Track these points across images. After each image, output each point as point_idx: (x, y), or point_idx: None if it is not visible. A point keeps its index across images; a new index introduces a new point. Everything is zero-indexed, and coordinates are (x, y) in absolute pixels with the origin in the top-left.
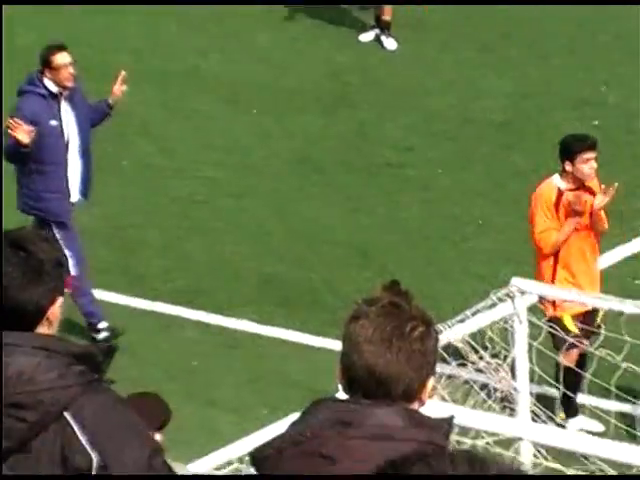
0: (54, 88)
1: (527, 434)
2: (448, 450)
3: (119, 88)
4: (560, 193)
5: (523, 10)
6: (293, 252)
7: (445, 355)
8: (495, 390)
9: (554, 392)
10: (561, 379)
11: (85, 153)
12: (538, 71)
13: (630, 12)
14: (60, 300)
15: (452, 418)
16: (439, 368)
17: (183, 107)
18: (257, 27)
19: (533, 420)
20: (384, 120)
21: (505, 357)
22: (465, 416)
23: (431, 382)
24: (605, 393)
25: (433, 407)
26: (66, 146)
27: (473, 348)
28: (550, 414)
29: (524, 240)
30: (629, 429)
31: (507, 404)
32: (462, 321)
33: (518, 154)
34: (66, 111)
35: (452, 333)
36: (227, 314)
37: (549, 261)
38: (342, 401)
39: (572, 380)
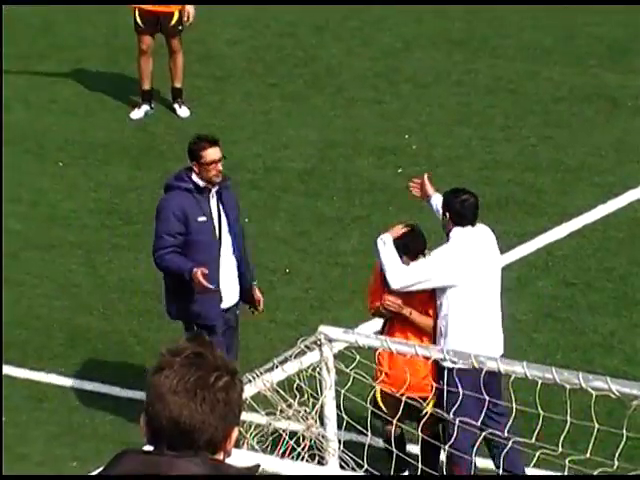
0: (202, 183)
1: None
2: None
3: None
4: None
5: (329, 57)
6: (102, 304)
7: (254, 404)
8: (304, 438)
9: (363, 439)
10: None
11: (238, 251)
12: (343, 119)
13: (428, 60)
14: None
15: (257, 467)
16: (249, 417)
17: None
18: (61, 79)
19: (341, 467)
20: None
21: (314, 405)
22: (274, 464)
23: (236, 432)
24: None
25: (242, 456)
26: (218, 244)
27: (282, 397)
28: (359, 461)
29: (331, 287)
30: None
31: (316, 452)
32: (270, 369)
33: (323, 202)
34: (215, 207)
35: (260, 382)
36: (35, 368)
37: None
38: (146, 452)
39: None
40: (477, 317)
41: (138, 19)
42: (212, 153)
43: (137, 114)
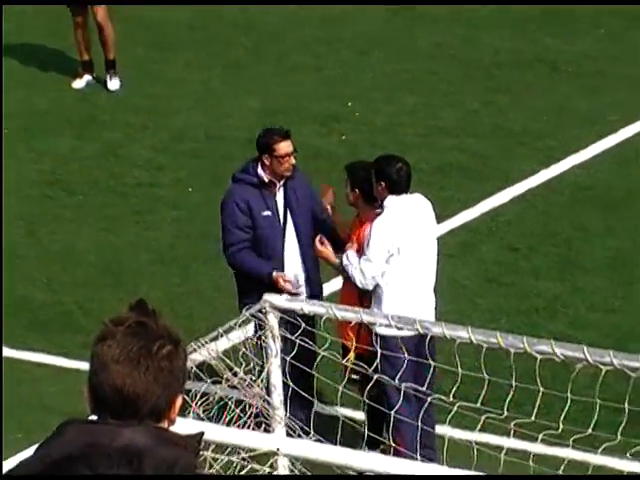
0: (267, 177)
1: (282, 447)
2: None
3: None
4: None
5: (269, 24)
6: (45, 275)
7: (200, 373)
8: (250, 406)
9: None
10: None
11: (306, 247)
12: (285, 87)
13: (368, 26)
14: None
15: (202, 434)
16: (194, 386)
17: None
18: (6, 49)
19: (288, 435)
20: (132, 140)
21: (259, 373)
22: (220, 433)
23: (180, 400)
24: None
25: (188, 425)
26: (282, 239)
27: (227, 365)
28: (305, 427)
29: None
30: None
31: (263, 419)
32: (216, 338)
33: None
34: (282, 201)
35: (206, 350)
36: None
37: None
38: (90, 422)
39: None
40: (412, 284)
41: None
42: (285, 146)
43: (79, 84)
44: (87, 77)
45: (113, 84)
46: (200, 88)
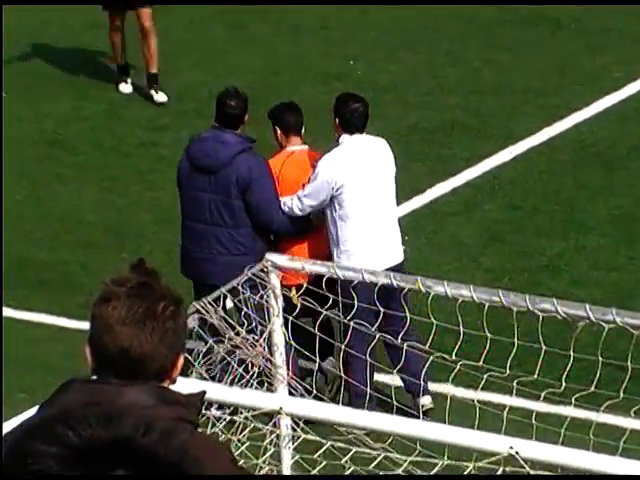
0: None
1: (284, 407)
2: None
3: None
4: None
5: None
6: (48, 235)
7: (202, 332)
8: (252, 365)
9: (311, 365)
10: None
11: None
12: (288, 47)
13: None
14: None
15: (203, 394)
16: (197, 346)
17: None
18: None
19: (290, 394)
20: (135, 100)
21: (262, 332)
22: (223, 392)
23: (182, 360)
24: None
25: (190, 384)
26: None
27: (230, 324)
28: (307, 386)
29: None
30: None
31: (265, 379)
32: (217, 298)
33: (269, 129)
34: None
35: (208, 310)
36: None
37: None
38: (92, 381)
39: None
40: (366, 224)
41: None
42: None
43: (127, 88)
44: (129, 80)
45: (160, 97)
46: (203, 47)
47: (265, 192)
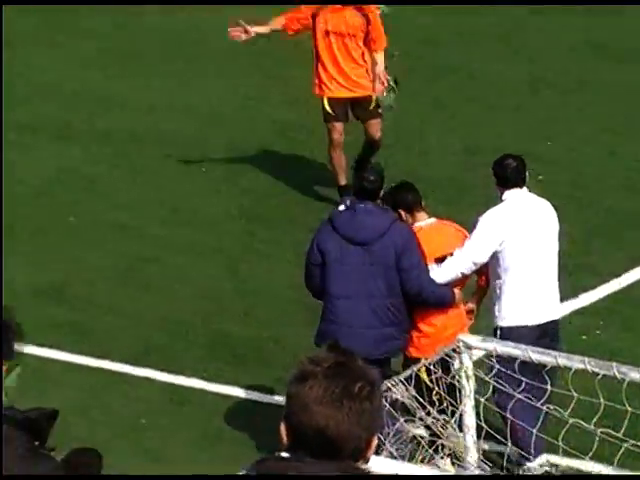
0: None
1: None
2: None
3: None
4: None
5: (477, 70)
6: (242, 309)
7: (393, 411)
8: (443, 446)
9: (502, 448)
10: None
11: None
12: (487, 127)
13: (569, 66)
14: None
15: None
16: (387, 424)
17: (130, 164)
18: (210, 72)
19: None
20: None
21: (453, 413)
22: (412, 472)
23: (376, 440)
24: (552, 447)
25: (382, 463)
26: None
27: (421, 404)
28: (498, 471)
29: None
30: None
31: (455, 460)
32: (410, 377)
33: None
34: None
35: (400, 389)
36: (176, 371)
37: None
38: (287, 459)
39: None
40: (528, 277)
41: (327, 107)
42: None
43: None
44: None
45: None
46: (402, 127)
47: (416, 261)
